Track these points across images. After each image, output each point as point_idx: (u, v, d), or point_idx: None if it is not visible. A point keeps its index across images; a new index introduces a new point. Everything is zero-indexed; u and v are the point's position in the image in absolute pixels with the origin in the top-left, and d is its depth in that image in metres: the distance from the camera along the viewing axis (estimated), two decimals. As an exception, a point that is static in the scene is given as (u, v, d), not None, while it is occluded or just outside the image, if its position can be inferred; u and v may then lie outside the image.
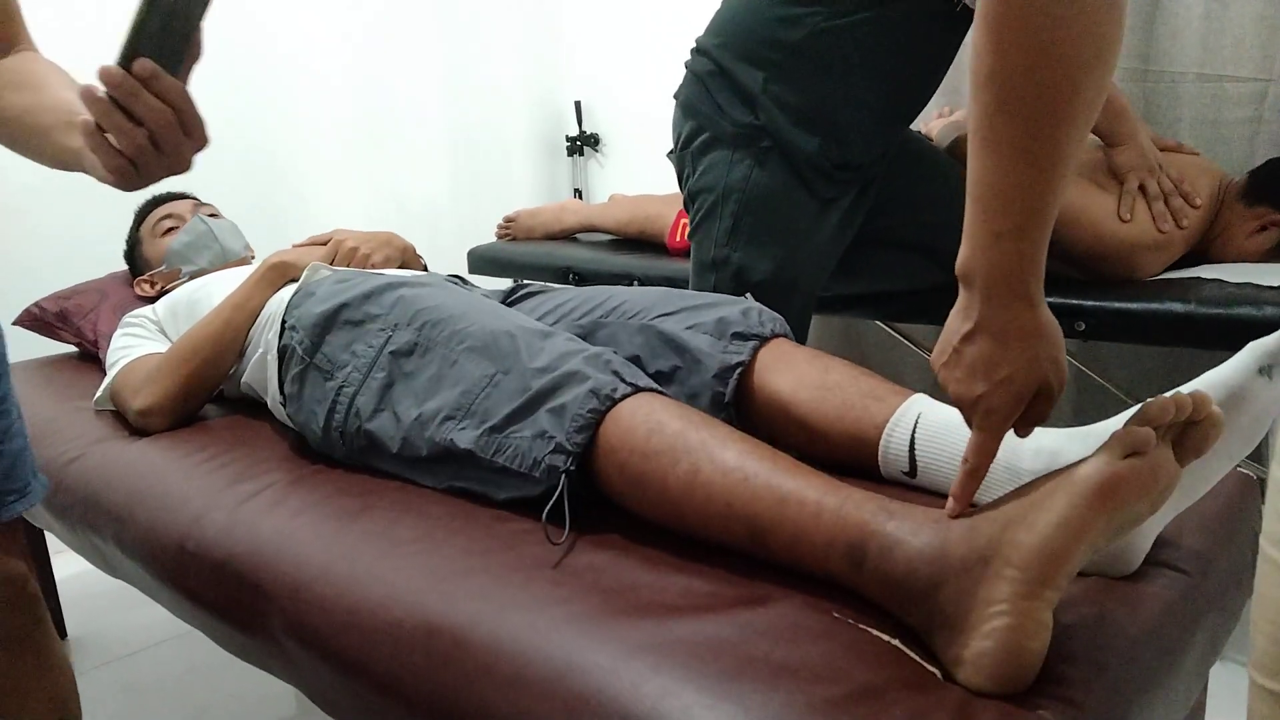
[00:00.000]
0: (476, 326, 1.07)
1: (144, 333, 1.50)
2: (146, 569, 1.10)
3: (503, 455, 0.96)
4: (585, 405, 0.91)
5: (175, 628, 1.71)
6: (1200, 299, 1.39)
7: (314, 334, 1.19)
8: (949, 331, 0.72)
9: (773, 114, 1.33)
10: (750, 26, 1.35)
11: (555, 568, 0.84)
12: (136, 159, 0.69)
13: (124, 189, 0.72)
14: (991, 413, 0.70)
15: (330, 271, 1.35)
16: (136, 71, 0.65)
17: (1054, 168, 0.65)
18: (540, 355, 0.99)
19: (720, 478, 0.82)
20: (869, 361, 2.37)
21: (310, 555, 0.94)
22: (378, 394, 1.10)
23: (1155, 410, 0.66)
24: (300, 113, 2.61)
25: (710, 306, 1.14)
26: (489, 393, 1.00)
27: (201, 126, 0.70)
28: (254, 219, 2.07)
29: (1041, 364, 0.69)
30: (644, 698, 0.67)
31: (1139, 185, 1.54)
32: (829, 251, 1.44)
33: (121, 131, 0.67)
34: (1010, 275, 0.68)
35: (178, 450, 1.25)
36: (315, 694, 0.92)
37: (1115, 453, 0.65)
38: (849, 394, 1.00)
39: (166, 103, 0.67)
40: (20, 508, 0.90)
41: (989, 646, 0.64)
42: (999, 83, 0.64)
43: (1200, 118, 1.83)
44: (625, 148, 3.15)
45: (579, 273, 2.15)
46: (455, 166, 2.98)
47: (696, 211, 1.42)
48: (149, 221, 1.78)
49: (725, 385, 1.06)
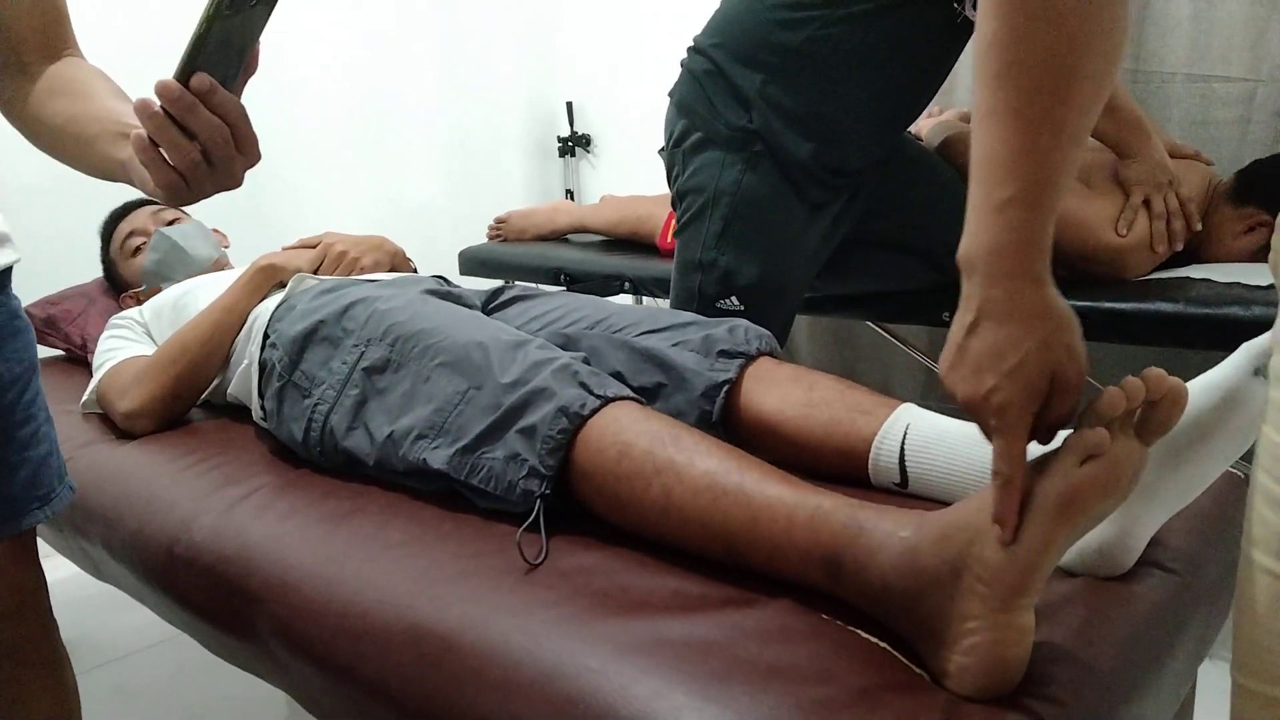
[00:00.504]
0: (448, 340, 1.05)
1: (130, 335, 1.50)
2: (135, 573, 1.10)
3: (476, 476, 0.95)
4: (555, 426, 0.90)
5: (166, 631, 1.69)
6: (1189, 299, 1.40)
7: (292, 351, 1.19)
8: (952, 332, 0.67)
9: (768, 117, 1.32)
10: (749, 28, 1.34)
11: (544, 570, 0.84)
12: (189, 174, 0.67)
13: (173, 204, 0.71)
14: (1005, 409, 0.63)
15: (315, 282, 1.35)
16: (194, 87, 0.64)
17: (1056, 136, 0.62)
18: (511, 368, 0.97)
19: (692, 498, 0.81)
20: (859, 362, 2.38)
21: (299, 558, 0.93)
22: (351, 411, 1.09)
23: (1105, 405, 0.62)
24: (294, 113, 2.60)
25: (696, 325, 1.13)
26: (461, 410, 0.98)
27: (254, 143, 0.69)
28: (247, 218, 2.06)
29: (1053, 349, 0.63)
30: (633, 699, 0.67)
31: (1144, 200, 1.54)
32: (817, 256, 1.44)
33: (176, 147, 0.65)
34: (1013, 250, 0.63)
35: (166, 454, 1.25)
36: (304, 698, 0.91)
37: (1072, 461, 0.63)
38: (836, 409, 1.00)
39: (222, 118, 0.66)
40: (42, 516, 0.88)
41: (970, 661, 0.64)
42: (1001, 48, 0.62)
43: (1189, 118, 1.83)
44: (617, 149, 3.15)
45: (570, 274, 2.15)
46: (448, 167, 2.98)
47: (685, 211, 1.42)
48: (115, 241, 1.77)
49: (712, 404, 1.05)
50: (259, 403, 1.23)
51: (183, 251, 1.69)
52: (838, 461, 0.98)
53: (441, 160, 2.96)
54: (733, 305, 1.38)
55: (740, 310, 1.37)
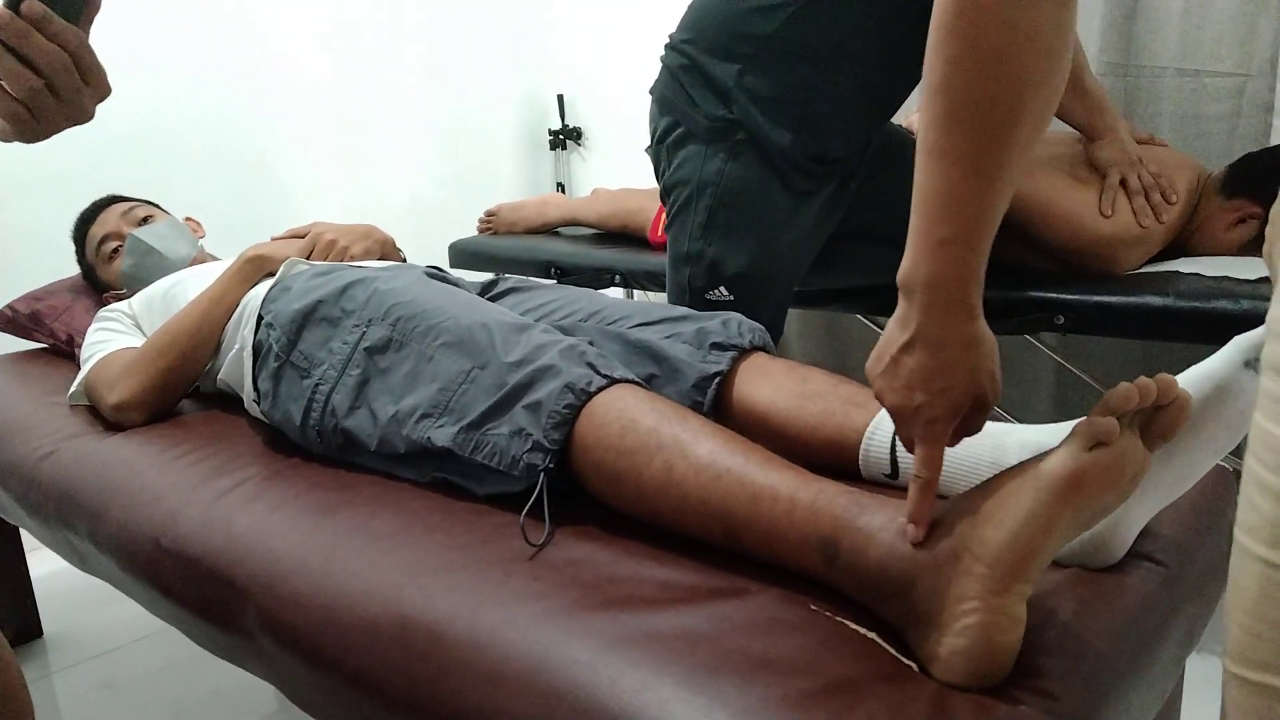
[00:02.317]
0: (451, 320, 1.06)
1: (119, 326, 1.49)
2: (121, 565, 1.09)
3: (481, 453, 0.95)
4: (561, 401, 0.90)
5: (153, 624, 1.69)
6: (1179, 293, 1.40)
7: (290, 331, 1.18)
8: (886, 340, 0.72)
9: (746, 108, 1.32)
10: (723, 19, 1.35)
11: (533, 562, 0.84)
12: (32, 105, 0.66)
13: (24, 140, 0.70)
14: (932, 423, 0.69)
15: (308, 266, 1.34)
16: (25, 13, 0.64)
17: (998, 178, 0.66)
18: (516, 348, 0.98)
19: (693, 475, 0.82)
20: (850, 356, 2.38)
21: (286, 550, 0.93)
22: (353, 391, 1.09)
23: (1118, 398, 0.65)
24: (284, 106, 2.59)
25: (690, 318, 1.13)
26: (466, 389, 0.99)
27: (101, 74, 0.68)
28: (238, 212, 2.06)
29: (979, 375, 0.69)
30: (621, 692, 0.67)
31: (1120, 180, 1.54)
32: (806, 245, 1.44)
33: (15, 75, 0.65)
34: (951, 284, 0.67)
35: (153, 445, 1.24)
36: (291, 690, 0.91)
37: (1080, 445, 0.64)
38: (829, 401, 1.00)
39: (61, 46, 0.66)
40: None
41: (962, 644, 0.64)
42: (948, 93, 0.65)
43: (1180, 112, 1.84)
44: (608, 142, 3.14)
45: (561, 267, 2.14)
46: (438, 160, 2.96)
47: (672, 205, 1.42)
48: (89, 246, 1.73)
49: (704, 395, 1.05)
50: (252, 386, 1.22)
51: (158, 254, 1.65)
52: (828, 453, 0.98)
53: (432, 153, 2.95)
54: (722, 296, 1.38)
55: (730, 301, 1.37)
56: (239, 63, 2.48)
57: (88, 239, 1.73)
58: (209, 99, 2.43)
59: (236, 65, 2.47)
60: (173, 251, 1.67)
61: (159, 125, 2.33)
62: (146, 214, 1.73)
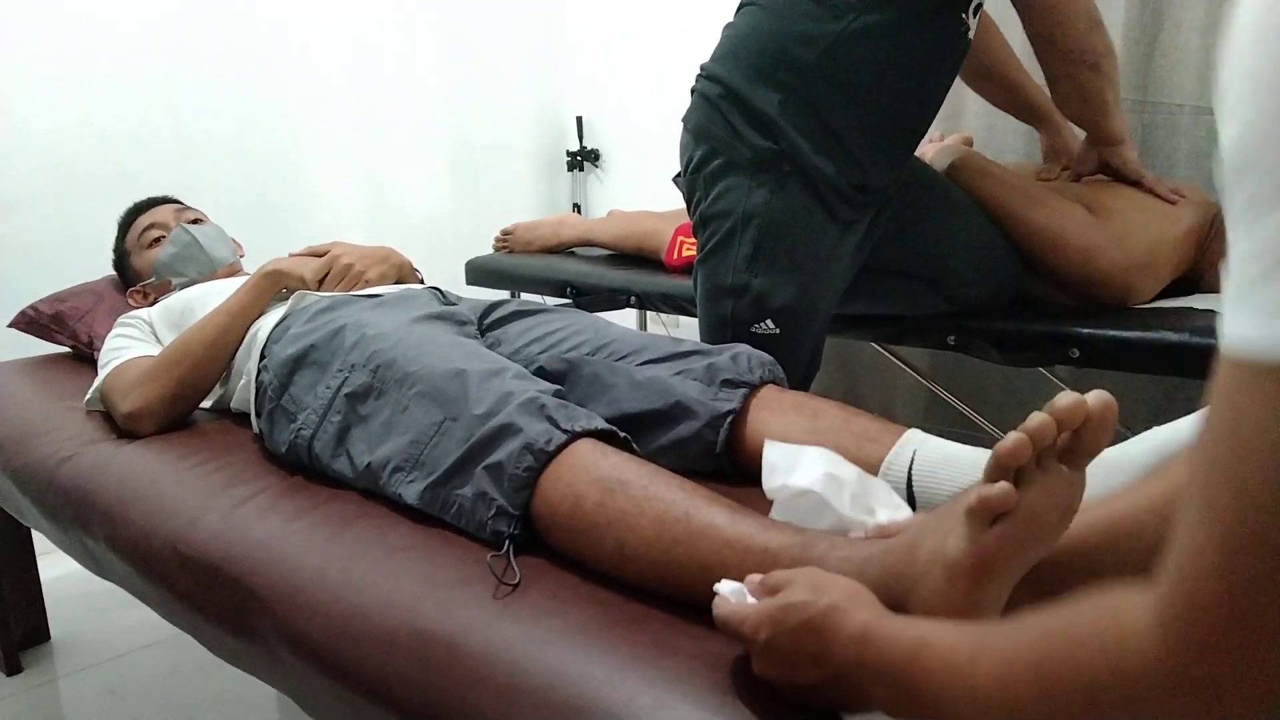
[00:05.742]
0: (427, 369, 1.05)
1: (137, 334, 1.50)
2: (138, 571, 1.10)
3: (449, 513, 0.94)
4: (520, 464, 0.89)
5: (160, 631, 1.69)
6: (1194, 329, 1.40)
7: (282, 375, 1.20)
8: None
9: (793, 138, 1.31)
10: (762, 48, 1.34)
11: (550, 578, 0.84)
12: None
13: None
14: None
15: (316, 298, 1.36)
16: None
17: None
18: (485, 398, 0.96)
19: (645, 550, 0.81)
20: (862, 384, 2.38)
21: (304, 561, 0.93)
22: (335, 438, 1.09)
23: (1005, 457, 0.58)
24: (306, 121, 2.62)
25: (699, 353, 1.13)
26: (437, 441, 0.98)
27: None
28: (257, 226, 2.08)
29: None
30: (638, 710, 0.67)
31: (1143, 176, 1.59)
32: (845, 276, 1.44)
33: None
34: None
35: (171, 454, 1.25)
36: (305, 700, 0.91)
37: (978, 525, 0.60)
38: (841, 437, 0.99)
39: None
40: None
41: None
42: None
43: (1197, 149, 1.85)
44: (625, 164, 3.17)
45: (577, 287, 2.15)
46: (456, 178, 2.99)
47: (710, 237, 1.39)
48: (133, 232, 1.77)
49: (717, 434, 1.05)
50: (256, 421, 1.25)
51: (200, 249, 1.70)
52: None
53: (450, 171, 2.97)
54: (768, 329, 1.36)
55: (775, 334, 1.35)
56: (264, 78, 2.52)
57: (134, 225, 1.77)
58: (234, 111, 2.46)
59: (262, 80, 2.51)
60: (214, 250, 1.72)
61: (182, 133, 2.37)
62: (197, 217, 1.79)
